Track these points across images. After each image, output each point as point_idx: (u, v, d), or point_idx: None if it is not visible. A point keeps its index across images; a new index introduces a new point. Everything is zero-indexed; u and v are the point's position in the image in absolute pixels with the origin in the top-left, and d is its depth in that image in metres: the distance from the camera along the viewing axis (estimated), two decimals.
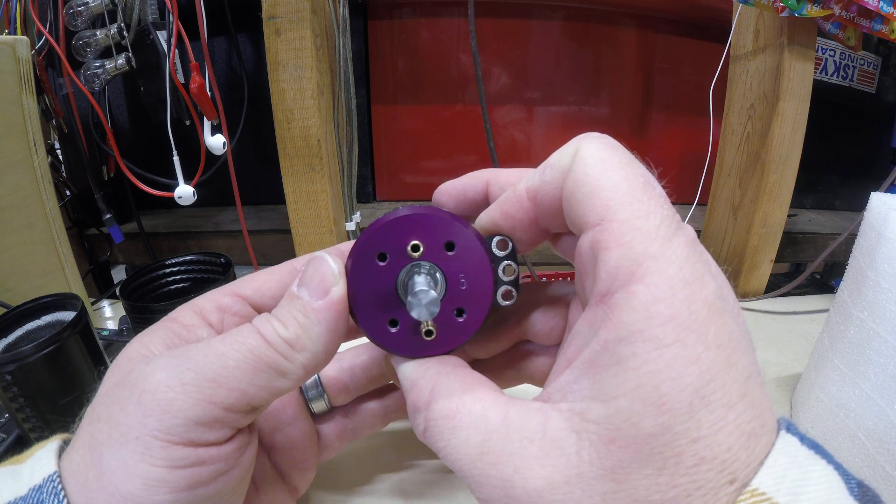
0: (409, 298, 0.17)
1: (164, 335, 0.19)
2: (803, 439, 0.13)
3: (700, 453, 0.12)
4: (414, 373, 0.18)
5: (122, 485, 0.15)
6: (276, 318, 0.18)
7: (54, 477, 0.16)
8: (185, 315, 0.21)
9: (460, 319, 0.19)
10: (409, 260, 0.18)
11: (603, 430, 0.13)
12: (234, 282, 0.23)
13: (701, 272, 0.13)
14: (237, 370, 0.17)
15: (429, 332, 0.19)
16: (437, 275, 0.18)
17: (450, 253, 0.18)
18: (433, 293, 0.17)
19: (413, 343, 0.19)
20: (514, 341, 0.23)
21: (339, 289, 0.18)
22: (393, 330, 0.19)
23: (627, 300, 0.13)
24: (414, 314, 0.17)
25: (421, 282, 0.17)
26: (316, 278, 0.18)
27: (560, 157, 0.16)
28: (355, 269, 0.18)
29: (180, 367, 0.16)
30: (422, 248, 0.18)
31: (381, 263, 0.18)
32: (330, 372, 0.26)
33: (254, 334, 0.17)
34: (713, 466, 0.12)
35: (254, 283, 0.22)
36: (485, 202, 0.20)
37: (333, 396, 0.26)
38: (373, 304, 0.19)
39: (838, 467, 0.13)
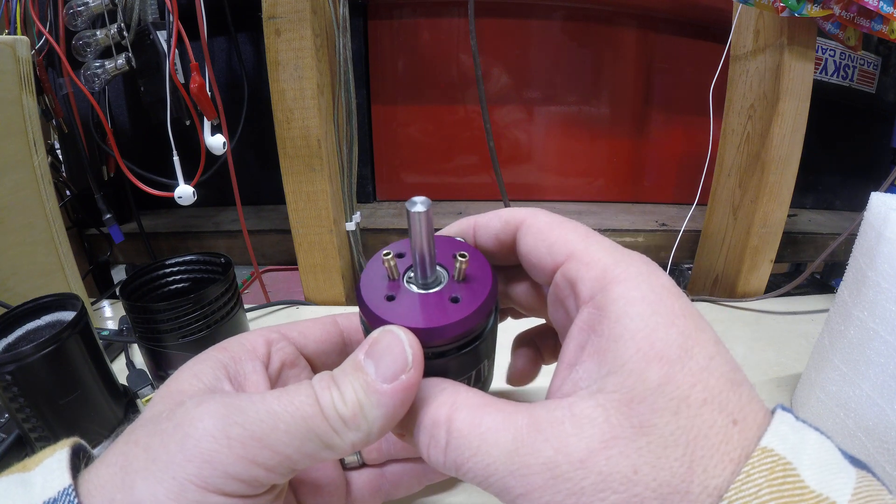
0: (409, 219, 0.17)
1: (213, 365, 0.20)
2: (796, 417, 0.15)
3: (700, 395, 0.15)
4: (430, 391, 0.18)
5: None
6: (336, 385, 0.17)
7: (69, 490, 0.16)
8: (234, 346, 0.21)
9: (473, 283, 0.19)
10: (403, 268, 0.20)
11: (621, 394, 0.15)
12: (279, 325, 0.23)
13: (653, 269, 0.17)
14: (286, 435, 0.16)
15: (455, 299, 0.18)
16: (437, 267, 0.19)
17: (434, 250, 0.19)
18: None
19: (444, 311, 0.18)
20: None
21: (408, 377, 0.17)
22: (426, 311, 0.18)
23: (609, 295, 0.16)
24: (415, 209, 0.17)
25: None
26: (387, 357, 0.17)
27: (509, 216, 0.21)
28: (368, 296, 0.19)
29: (229, 419, 0.16)
30: (405, 254, 0.20)
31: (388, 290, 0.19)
32: None
33: (311, 401, 0.17)
34: (714, 407, 0.15)
35: (299, 326, 0.23)
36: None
37: (365, 452, 0.26)
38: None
39: (830, 438, 0.15)
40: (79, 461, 0.18)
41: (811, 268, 0.55)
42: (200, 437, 0.16)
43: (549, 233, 0.19)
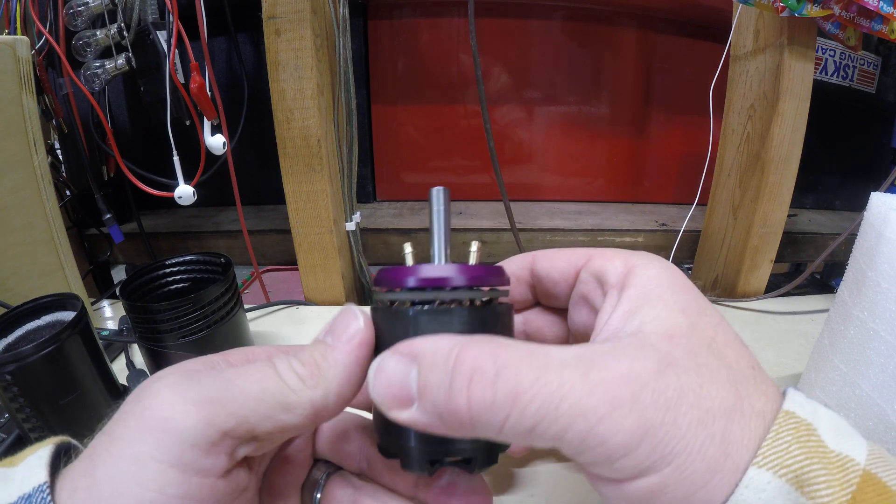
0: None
1: (206, 362, 0.20)
2: (806, 396, 0.17)
3: (721, 338, 0.17)
4: (453, 339, 0.16)
5: (111, 501, 0.15)
6: (294, 356, 0.18)
7: (44, 487, 0.16)
8: (235, 354, 0.21)
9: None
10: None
11: (659, 335, 0.16)
12: (284, 346, 0.23)
13: (658, 258, 0.20)
14: (241, 395, 0.17)
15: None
16: None
17: None
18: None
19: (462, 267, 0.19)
20: None
21: (360, 335, 0.18)
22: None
23: (636, 279, 0.19)
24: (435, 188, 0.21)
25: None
26: (341, 327, 0.19)
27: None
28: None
29: (185, 386, 0.17)
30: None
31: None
32: None
33: (266, 366, 0.18)
34: (733, 350, 0.17)
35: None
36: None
37: None
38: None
39: (838, 413, 0.17)
40: (61, 459, 0.18)
41: (811, 268, 0.55)
42: (157, 407, 0.16)
43: (561, 251, 0.22)
